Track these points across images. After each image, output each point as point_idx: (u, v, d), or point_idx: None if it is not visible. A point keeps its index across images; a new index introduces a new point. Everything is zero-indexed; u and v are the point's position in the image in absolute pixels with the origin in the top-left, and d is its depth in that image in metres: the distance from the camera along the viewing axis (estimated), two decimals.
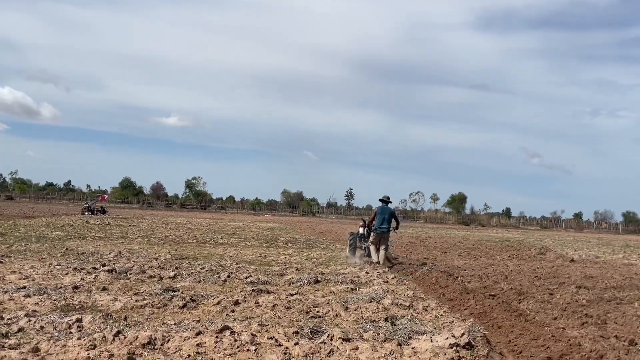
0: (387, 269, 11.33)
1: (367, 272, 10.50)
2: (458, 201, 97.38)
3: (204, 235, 20.56)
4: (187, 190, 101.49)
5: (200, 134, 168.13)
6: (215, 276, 9.05)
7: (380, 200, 13.11)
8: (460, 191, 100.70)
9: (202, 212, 72.67)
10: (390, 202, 13.13)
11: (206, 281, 8.56)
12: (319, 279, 9.22)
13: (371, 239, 12.44)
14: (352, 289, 8.37)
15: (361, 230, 13.44)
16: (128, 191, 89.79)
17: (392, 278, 9.91)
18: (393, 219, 12.47)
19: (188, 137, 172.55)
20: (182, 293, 7.33)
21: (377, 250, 12.31)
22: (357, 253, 13.14)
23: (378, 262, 12.00)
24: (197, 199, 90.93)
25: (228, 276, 9.08)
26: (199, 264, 10.58)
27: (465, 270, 11.66)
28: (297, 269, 10.70)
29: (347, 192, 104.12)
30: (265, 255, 13.48)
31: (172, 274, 8.98)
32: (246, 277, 9.10)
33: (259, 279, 8.96)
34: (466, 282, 9.52)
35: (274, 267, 10.86)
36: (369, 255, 12.69)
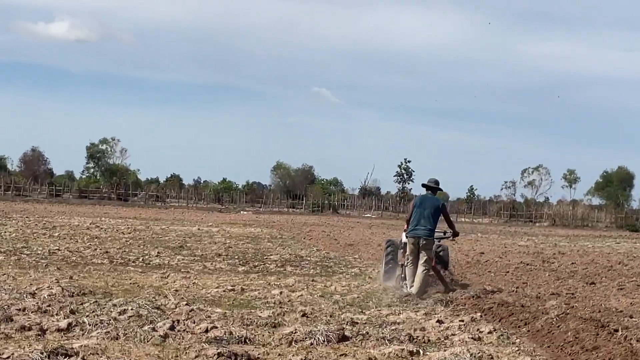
0: (477, 314, 11.28)
1: (439, 321, 10.48)
2: (616, 185, 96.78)
3: (124, 251, 20.69)
4: (91, 165, 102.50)
5: (112, 56, 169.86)
6: (146, 328, 9.07)
7: (423, 186, 14.11)
8: (620, 165, 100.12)
9: (121, 205, 73.23)
10: (440, 190, 13.95)
11: (129, 338, 8.58)
12: (346, 333, 9.23)
13: (407, 250, 13.73)
14: (411, 355, 8.37)
15: (404, 237, 14.54)
16: None
17: (489, 332, 9.85)
18: (440, 218, 13.74)
19: (90, 61, 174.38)
20: None
21: (415, 268, 13.47)
22: (398, 274, 14.34)
23: (416, 294, 13.07)
24: (110, 181, 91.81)
25: (171, 328, 9.12)
26: (115, 305, 10.60)
27: (631, 317, 11.57)
28: (304, 315, 10.72)
29: (400, 166, 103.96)
30: (242, 288, 13.54)
31: (64, 324, 9.00)
32: (206, 331, 9.11)
33: (230, 333, 8.97)
34: (634, 341, 9.42)
35: (259, 311, 10.88)
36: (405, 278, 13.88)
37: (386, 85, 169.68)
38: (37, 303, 10.50)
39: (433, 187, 14.07)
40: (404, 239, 14.32)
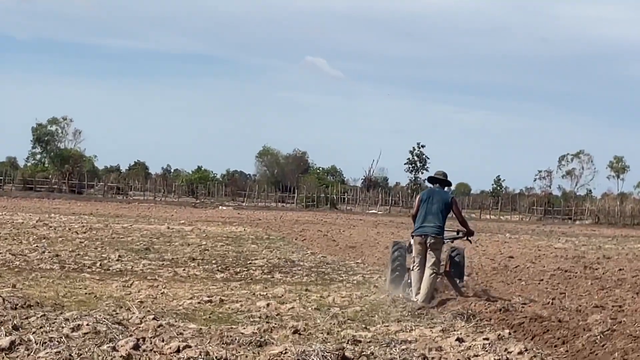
0: (505, 331, 11.30)
1: (458, 339, 10.50)
2: None
3: (78, 254, 20.67)
4: (38, 150, 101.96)
5: (62, 19, 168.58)
6: (105, 347, 9.07)
7: (430, 179, 15.06)
8: None
9: (75, 199, 73.20)
10: (449, 184, 14.73)
11: (84, 359, 8.59)
12: (347, 354, 9.25)
13: (413, 252, 14.37)
14: None
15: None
16: None
17: (520, 353, 9.87)
18: (451, 214, 14.46)
19: (36, 25, 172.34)
20: None
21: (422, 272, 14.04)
22: (405, 280, 14.94)
23: (423, 302, 13.67)
24: (61, 169, 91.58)
25: (135, 347, 9.11)
26: (67, 320, 10.59)
27: None
28: (295, 331, 10.73)
29: (412, 152, 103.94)
30: (221, 300, 13.58)
31: (5, 342, 8.99)
32: (177, 351, 9.12)
33: (206, 354, 8.99)
34: None
35: (242, 327, 10.90)
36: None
37: (395, 55, 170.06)
38: None
39: (441, 180, 14.59)
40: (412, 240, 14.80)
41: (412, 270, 14.34)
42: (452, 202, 14.37)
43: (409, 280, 14.64)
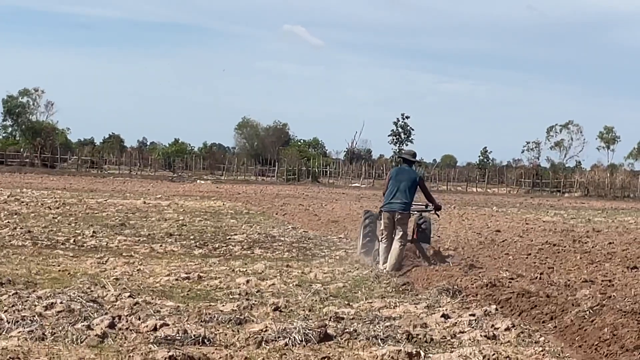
0: (492, 306, 11.34)
1: (444, 315, 10.55)
2: None
3: (51, 230, 20.64)
4: (9, 123, 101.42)
5: None
6: (79, 326, 9.07)
7: (399, 158, 17.24)
8: None
9: (47, 173, 72.92)
10: (417, 162, 16.63)
11: (58, 338, 8.58)
12: (330, 331, 9.29)
13: (380, 224, 15.99)
14: (410, 358, 8.42)
15: None
16: None
17: (507, 329, 9.92)
18: (417, 191, 15.93)
19: None
20: None
21: (389, 244, 15.58)
22: (376, 248, 16.38)
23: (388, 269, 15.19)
24: (33, 142, 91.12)
25: (111, 326, 9.13)
26: (40, 298, 10.61)
27: None
28: (276, 308, 10.77)
29: (396, 124, 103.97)
30: (199, 276, 13.58)
31: None
32: (154, 329, 9.13)
33: (184, 332, 8.99)
34: None
35: (221, 305, 10.93)
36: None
37: (378, 22, 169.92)
38: None
39: (410, 160, 16.36)
40: None
41: (380, 241, 15.86)
42: (420, 181, 15.91)
43: (377, 250, 16.18)
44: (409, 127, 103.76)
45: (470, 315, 10.65)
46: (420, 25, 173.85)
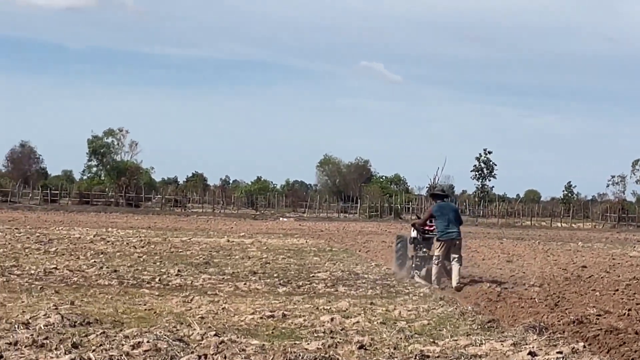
0: (579, 344, 11.18)
1: (531, 353, 10.44)
2: None
3: (136, 269, 20.87)
4: (94, 163, 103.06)
5: (114, 26, 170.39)
6: None
7: (432, 195, 20.58)
8: None
9: (132, 212, 73.97)
10: (448, 197, 19.19)
11: None
12: None
13: (437, 251, 18.62)
14: None
15: (413, 233, 20.34)
16: None
17: None
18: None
19: (87, 33, 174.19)
20: None
21: (445, 267, 18.46)
22: (409, 264, 19.93)
23: (456, 287, 17.83)
24: (118, 182, 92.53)
25: None
26: (127, 337, 10.72)
27: None
28: (361, 347, 10.74)
29: (478, 159, 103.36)
30: (284, 314, 13.61)
31: None
32: None
33: None
34: None
35: (305, 343, 10.93)
36: (426, 277, 19.10)
37: (458, 57, 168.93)
38: (32, 335, 10.59)
39: (443, 195, 20.20)
40: (413, 235, 20.25)
41: (435, 265, 18.50)
42: (459, 210, 19.18)
43: (413, 265, 19.94)
44: (491, 162, 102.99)
45: (557, 352, 10.51)
46: (500, 60, 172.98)
